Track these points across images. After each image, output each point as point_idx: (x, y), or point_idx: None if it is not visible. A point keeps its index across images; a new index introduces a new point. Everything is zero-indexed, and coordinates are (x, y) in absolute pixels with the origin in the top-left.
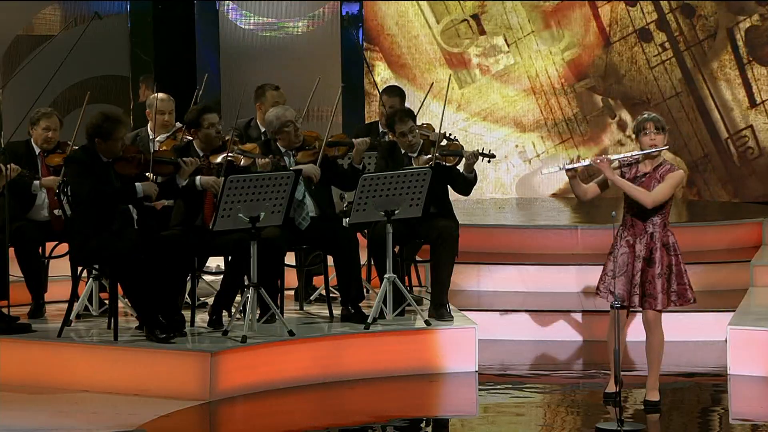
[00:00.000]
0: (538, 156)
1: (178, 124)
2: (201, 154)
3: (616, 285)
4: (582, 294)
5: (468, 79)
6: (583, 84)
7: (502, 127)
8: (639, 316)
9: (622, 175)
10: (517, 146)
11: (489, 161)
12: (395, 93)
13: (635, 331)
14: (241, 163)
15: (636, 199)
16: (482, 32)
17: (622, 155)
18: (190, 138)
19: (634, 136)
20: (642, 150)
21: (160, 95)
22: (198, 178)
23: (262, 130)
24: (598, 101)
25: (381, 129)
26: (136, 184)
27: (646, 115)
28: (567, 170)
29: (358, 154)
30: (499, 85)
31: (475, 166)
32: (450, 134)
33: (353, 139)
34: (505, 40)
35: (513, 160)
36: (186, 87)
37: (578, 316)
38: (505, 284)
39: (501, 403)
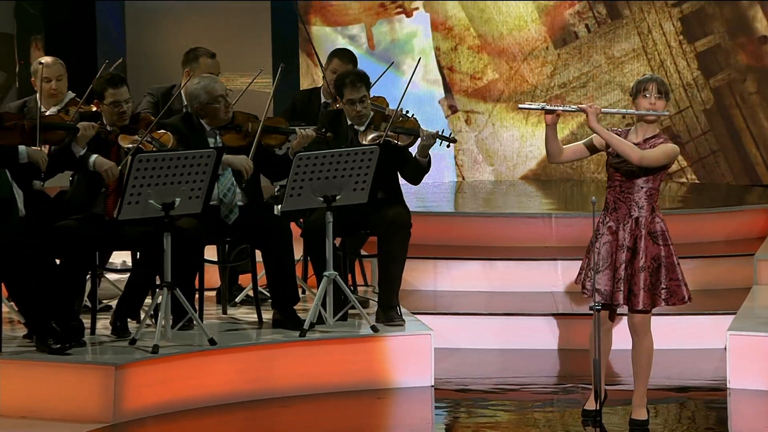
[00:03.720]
0: None
1: (71, 94)
2: (109, 129)
3: (600, 281)
4: (557, 294)
5: (566, 37)
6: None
7: (607, 93)
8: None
9: (606, 147)
10: (624, 117)
11: (449, 146)
12: (349, 59)
13: (623, 337)
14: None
15: (622, 153)
16: None
17: (614, 110)
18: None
19: (631, 98)
20: (640, 111)
21: (46, 59)
22: (94, 157)
23: (185, 102)
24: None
25: (324, 99)
26: (20, 146)
27: (648, 75)
28: (548, 111)
29: (298, 146)
30: (603, 44)
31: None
32: (407, 111)
33: (296, 128)
34: None
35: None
36: (83, 47)
37: (553, 321)
38: (467, 283)
39: (461, 423)
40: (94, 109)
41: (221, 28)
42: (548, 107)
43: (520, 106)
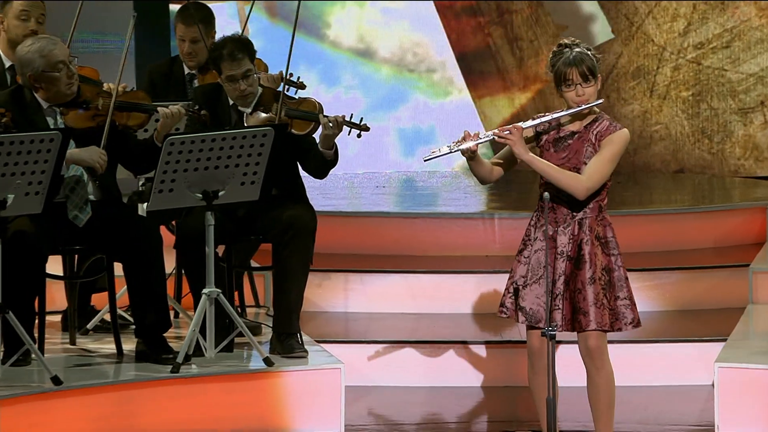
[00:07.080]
0: None
1: None
2: None
3: (527, 298)
4: (501, 318)
5: None
6: None
7: (757, 56)
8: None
9: (538, 138)
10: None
11: (359, 136)
12: (193, 18)
13: (567, 369)
14: None
15: (564, 188)
16: None
17: (538, 120)
18: None
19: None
20: (567, 109)
21: None
22: None
23: (7, 64)
24: None
25: (187, 70)
26: None
27: (565, 58)
28: (461, 152)
29: (164, 129)
30: None
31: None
32: (296, 76)
33: (158, 107)
34: None
35: None
36: None
37: (494, 351)
38: (387, 302)
39: None
40: None
41: None
42: (456, 148)
43: (425, 159)
